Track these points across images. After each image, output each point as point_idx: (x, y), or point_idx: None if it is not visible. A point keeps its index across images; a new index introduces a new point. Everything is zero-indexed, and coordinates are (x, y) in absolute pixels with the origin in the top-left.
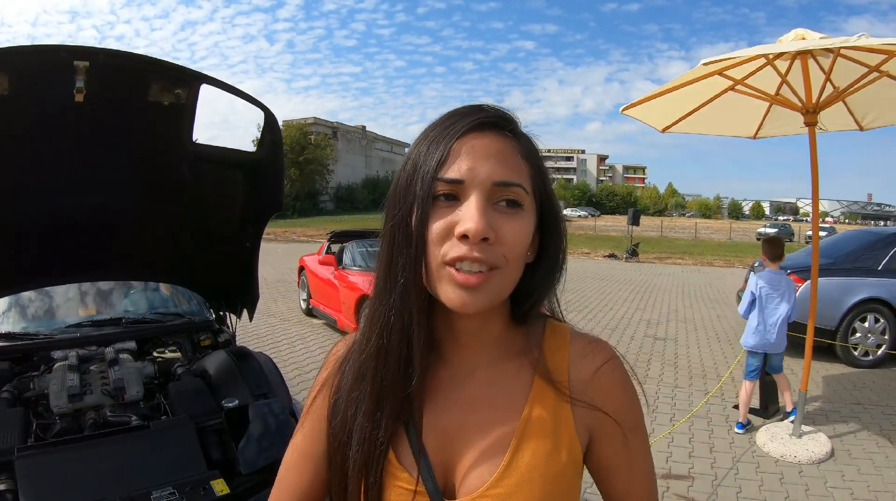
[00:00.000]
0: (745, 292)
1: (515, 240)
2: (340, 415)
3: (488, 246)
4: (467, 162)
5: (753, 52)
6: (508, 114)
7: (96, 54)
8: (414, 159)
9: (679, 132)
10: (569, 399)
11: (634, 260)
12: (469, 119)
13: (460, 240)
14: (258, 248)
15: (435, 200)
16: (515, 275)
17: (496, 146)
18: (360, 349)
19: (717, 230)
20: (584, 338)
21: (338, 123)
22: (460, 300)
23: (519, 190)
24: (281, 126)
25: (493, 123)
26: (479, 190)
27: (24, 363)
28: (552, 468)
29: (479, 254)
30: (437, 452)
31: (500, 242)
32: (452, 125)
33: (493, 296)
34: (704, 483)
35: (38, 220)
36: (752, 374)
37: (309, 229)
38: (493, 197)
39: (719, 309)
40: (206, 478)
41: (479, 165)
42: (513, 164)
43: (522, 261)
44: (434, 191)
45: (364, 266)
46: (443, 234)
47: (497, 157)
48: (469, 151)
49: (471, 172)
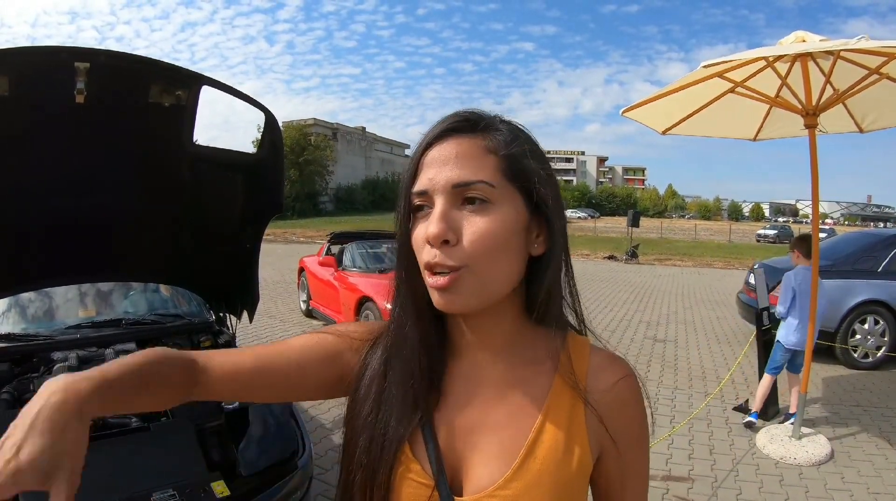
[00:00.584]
0: (783, 290)
1: (480, 235)
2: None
3: (450, 248)
4: (430, 172)
5: (753, 55)
6: (474, 114)
7: (97, 56)
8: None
9: (679, 134)
10: (583, 409)
11: (634, 262)
12: (433, 132)
13: (430, 246)
14: (258, 249)
15: (416, 212)
16: (496, 270)
17: (454, 150)
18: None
19: (717, 232)
20: (605, 352)
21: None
22: (441, 301)
23: (481, 186)
24: (281, 127)
25: (455, 128)
26: (441, 196)
27: (24, 365)
28: (562, 475)
29: (439, 259)
30: (449, 447)
31: (464, 241)
32: (423, 140)
33: (472, 294)
34: (704, 484)
35: (39, 221)
36: (776, 369)
37: (309, 230)
38: (455, 200)
39: (719, 311)
40: (207, 480)
41: (439, 173)
42: (472, 163)
43: (502, 255)
44: (411, 205)
45: (364, 268)
46: (420, 242)
47: (455, 160)
48: (430, 162)
49: (431, 181)
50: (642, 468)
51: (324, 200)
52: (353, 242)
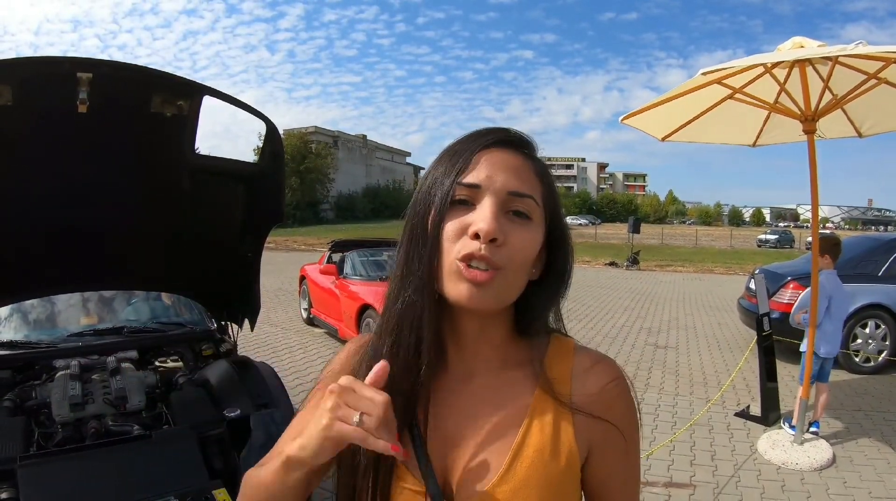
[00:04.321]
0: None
1: (522, 246)
2: None
3: (496, 247)
4: (485, 170)
5: (752, 61)
6: (528, 138)
7: (100, 66)
8: (435, 170)
9: (679, 141)
10: (569, 410)
11: (635, 268)
12: (492, 136)
13: (472, 239)
14: (259, 258)
15: (452, 204)
16: (519, 282)
17: (513, 161)
18: (374, 347)
19: (718, 238)
20: (589, 353)
21: (338, 132)
22: (468, 294)
23: (531, 202)
24: (282, 135)
25: (513, 142)
26: (493, 196)
27: (26, 372)
28: (551, 476)
29: (487, 253)
30: (439, 454)
31: (508, 245)
32: (476, 140)
33: (497, 296)
34: (706, 491)
35: (40, 229)
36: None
37: (310, 238)
38: (506, 205)
39: (720, 317)
40: (208, 488)
41: (497, 174)
42: (527, 179)
43: (526, 270)
44: (453, 194)
45: (365, 276)
46: (457, 233)
47: (513, 170)
48: (488, 162)
49: (488, 179)
50: (633, 470)
51: (325, 208)
52: (354, 250)
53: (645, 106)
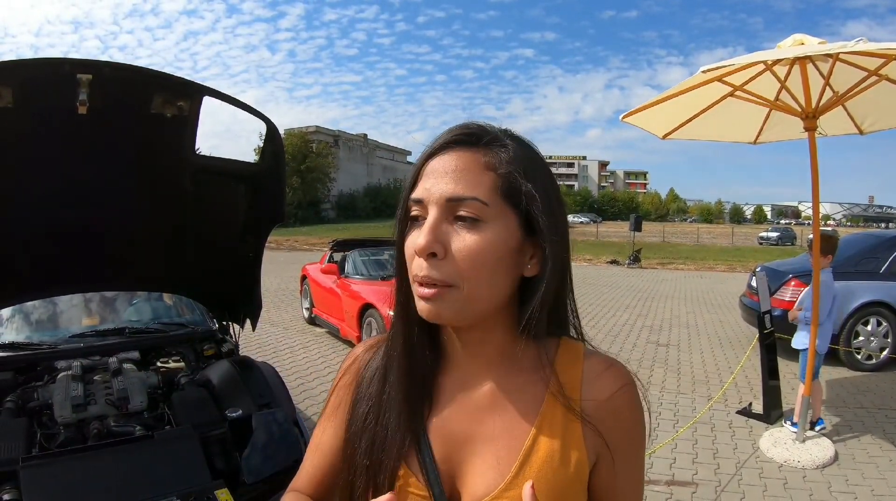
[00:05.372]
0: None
1: (468, 254)
2: (359, 419)
3: (438, 262)
4: (428, 182)
5: (752, 59)
6: (480, 127)
7: (100, 67)
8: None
9: (679, 139)
10: (579, 417)
11: (636, 266)
12: (439, 141)
13: (419, 257)
14: (261, 258)
15: (410, 221)
16: (482, 292)
17: (454, 163)
18: (384, 354)
19: (719, 235)
20: (600, 358)
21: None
22: (425, 312)
23: (474, 203)
24: (283, 134)
25: (459, 141)
26: (435, 207)
27: (27, 373)
28: (559, 482)
29: (427, 272)
30: (445, 458)
31: (451, 256)
32: (427, 149)
33: (455, 309)
34: (708, 489)
35: (41, 231)
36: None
37: (311, 238)
38: (448, 214)
39: (722, 314)
40: (210, 488)
41: (436, 184)
42: (469, 178)
43: (491, 273)
44: (409, 212)
45: (366, 275)
46: (410, 253)
47: (453, 174)
48: (430, 172)
49: (427, 191)
50: (637, 476)
51: (326, 207)
52: (356, 249)
53: (646, 104)
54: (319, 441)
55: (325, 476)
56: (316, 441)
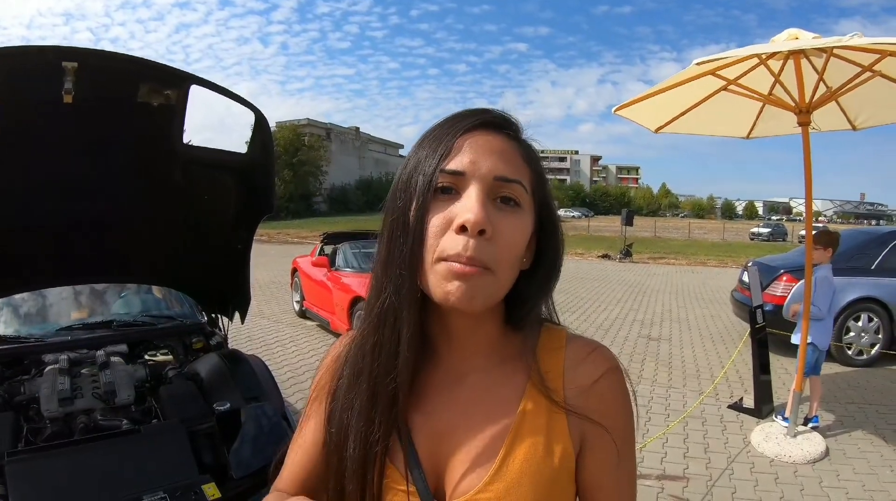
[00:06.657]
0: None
1: (512, 238)
2: (338, 416)
3: (484, 241)
4: (469, 155)
5: (746, 52)
6: (513, 118)
7: (84, 55)
8: (416, 155)
9: (672, 132)
10: (563, 408)
11: (628, 260)
12: (474, 118)
13: (458, 233)
14: (250, 250)
15: (435, 193)
16: (508, 280)
17: (499, 145)
18: (358, 347)
19: (711, 230)
20: (582, 343)
21: (331, 125)
22: (457, 294)
23: (519, 187)
24: (274, 127)
25: (497, 124)
26: (479, 183)
27: (14, 367)
28: (544, 472)
29: (473, 253)
30: (429, 454)
31: (497, 238)
32: (457, 123)
33: (486, 296)
34: (699, 483)
35: (27, 223)
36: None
37: (302, 231)
38: (492, 192)
39: (713, 309)
40: (198, 482)
41: (482, 159)
42: (514, 162)
43: (517, 265)
44: (435, 183)
45: (357, 268)
46: (441, 227)
47: (499, 154)
48: (472, 146)
49: (473, 165)
50: (628, 465)
51: (317, 200)
52: (347, 242)
53: (639, 97)
54: (302, 440)
55: (308, 475)
56: (298, 440)
